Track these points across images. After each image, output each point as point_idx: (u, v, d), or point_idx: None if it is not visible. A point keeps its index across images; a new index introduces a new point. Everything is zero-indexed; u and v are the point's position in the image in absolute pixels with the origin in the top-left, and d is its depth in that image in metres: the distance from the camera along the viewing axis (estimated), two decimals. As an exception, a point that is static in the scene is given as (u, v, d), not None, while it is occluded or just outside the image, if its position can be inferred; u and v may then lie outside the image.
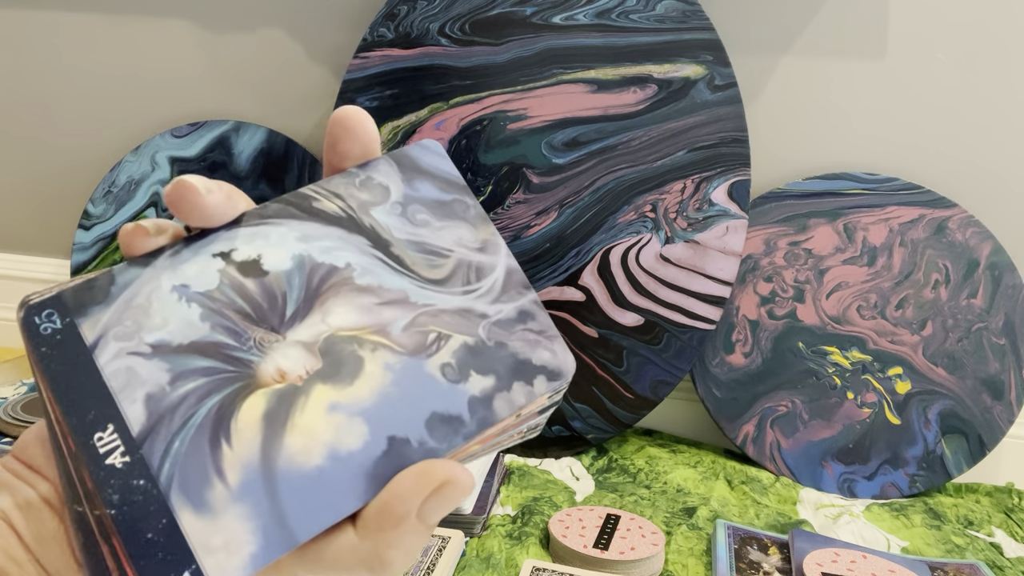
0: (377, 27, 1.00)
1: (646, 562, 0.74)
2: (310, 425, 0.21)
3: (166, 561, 0.19)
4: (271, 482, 0.21)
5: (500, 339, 0.24)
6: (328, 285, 0.23)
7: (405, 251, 0.24)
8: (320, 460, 0.21)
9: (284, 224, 0.24)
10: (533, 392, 0.23)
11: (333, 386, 0.22)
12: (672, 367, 0.96)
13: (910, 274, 0.95)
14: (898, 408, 0.94)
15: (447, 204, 0.25)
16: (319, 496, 0.21)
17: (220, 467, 0.20)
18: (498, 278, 0.25)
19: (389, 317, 0.23)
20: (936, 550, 0.82)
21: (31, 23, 1.19)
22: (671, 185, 0.94)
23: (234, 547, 0.20)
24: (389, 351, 0.23)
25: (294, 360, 0.22)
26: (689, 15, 0.93)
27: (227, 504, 0.20)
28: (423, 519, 0.22)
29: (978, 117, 0.97)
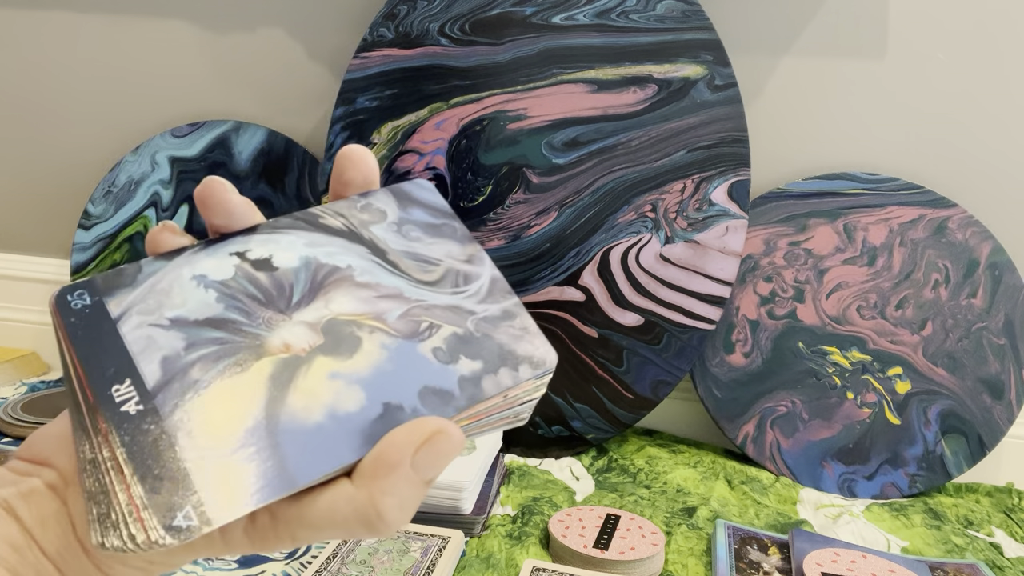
0: (377, 27, 1.00)
1: (646, 562, 0.74)
2: (312, 388, 0.23)
3: (172, 497, 0.21)
4: (274, 433, 0.22)
5: (486, 332, 0.26)
6: (331, 280, 0.26)
7: (400, 259, 0.27)
8: (320, 418, 0.23)
9: (293, 233, 0.27)
10: (518, 376, 0.25)
11: (334, 358, 0.24)
12: (672, 367, 0.96)
13: (910, 274, 0.95)
14: (898, 408, 0.94)
15: (437, 226, 0.29)
16: (318, 447, 0.22)
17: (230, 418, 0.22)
18: (484, 284, 0.27)
19: (385, 307, 0.26)
20: (936, 550, 0.82)
21: (31, 23, 1.19)
22: (671, 185, 0.94)
23: (235, 487, 0.21)
24: (385, 334, 0.25)
25: (299, 335, 0.24)
26: (689, 15, 0.93)
27: (231, 449, 0.22)
28: (417, 469, 0.23)
29: (978, 117, 0.97)
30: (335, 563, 0.70)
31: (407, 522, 0.24)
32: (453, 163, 0.99)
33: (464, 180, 0.98)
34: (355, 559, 0.71)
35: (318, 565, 0.70)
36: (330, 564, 0.70)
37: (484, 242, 0.99)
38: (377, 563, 0.71)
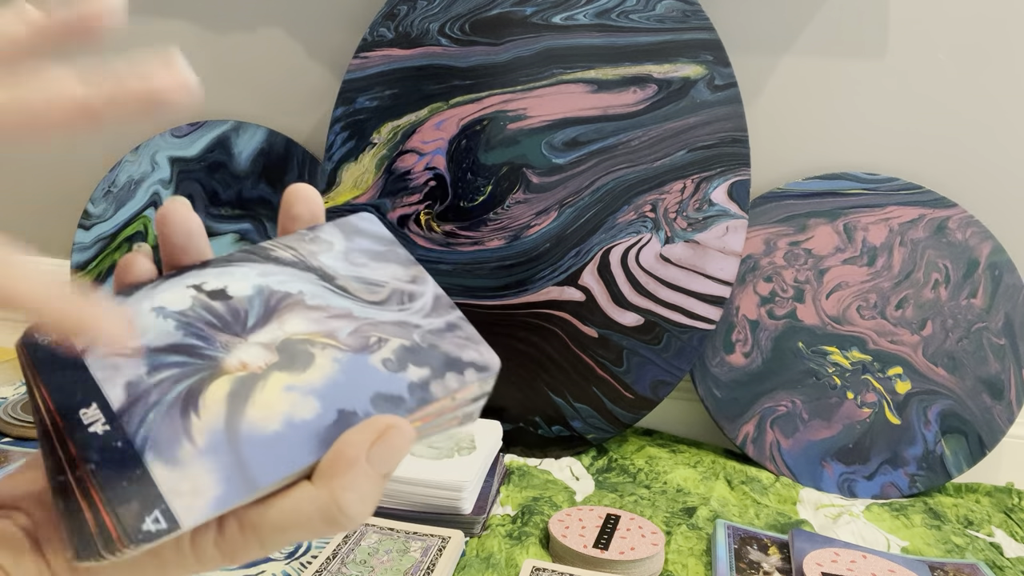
0: (377, 27, 1.00)
1: (646, 562, 0.74)
2: (268, 400, 0.25)
3: (140, 504, 0.22)
4: (234, 443, 0.24)
5: (432, 342, 0.28)
6: (284, 305, 0.28)
7: (348, 283, 0.29)
8: (277, 426, 0.25)
9: (246, 265, 0.29)
10: (464, 379, 0.27)
11: (288, 373, 0.26)
12: (672, 367, 0.96)
13: (910, 274, 0.95)
14: (898, 408, 0.94)
15: (381, 252, 0.31)
16: (276, 452, 0.24)
17: (189, 432, 0.24)
18: (428, 300, 0.29)
19: (336, 326, 0.28)
20: (936, 550, 0.82)
21: (31, 23, 1.19)
22: (671, 185, 0.94)
23: (200, 492, 0.23)
24: (336, 349, 0.27)
25: (254, 355, 0.26)
26: (689, 15, 0.93)
27: (194, 459, 0.23)
28: (373, 464, 0.25)
29: (978, 117, 0.97)
30: (335, 563, 0.70)
31: (368, 515, 0.25)
32: (453, 163, 0.99)
33: (464, 180, 0.98)
34: (355, 559, 0.71)
35: (318, 565, 0.70)
36: (330, 564, 0.70)
37: (484, 242, 0.99)
38: (377, 563, 0.70)
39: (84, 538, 0.22)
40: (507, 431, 0.98)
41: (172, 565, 0.26)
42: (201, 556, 0.26)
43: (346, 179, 1.01)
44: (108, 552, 0.22)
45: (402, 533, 0.75)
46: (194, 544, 0.25)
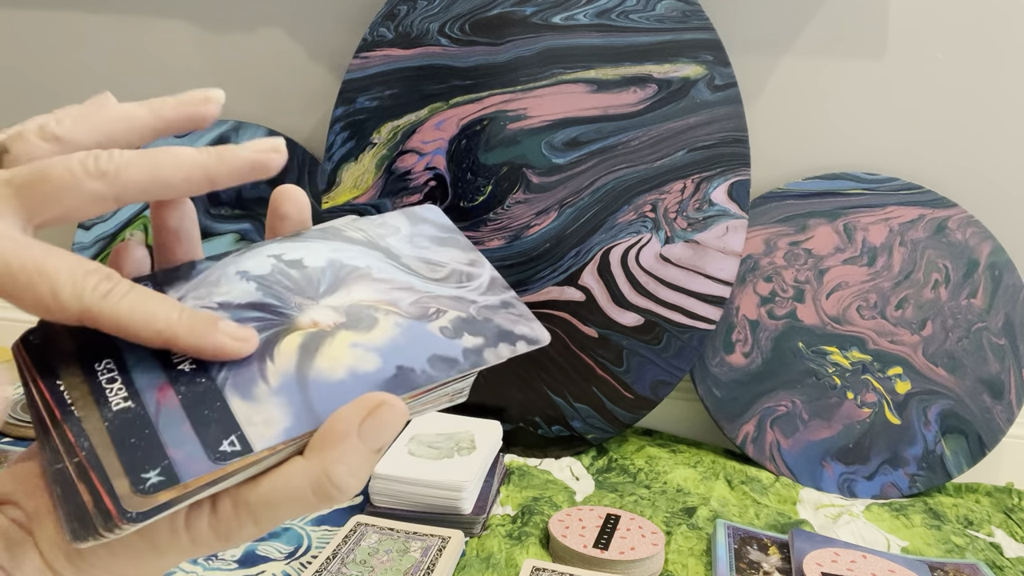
0: (377, 27, 1.00)
1: (646, 562, 0.74)
2: (335, 354, 0.28)
3: (218, 430, 0.25)
4: (303, 385, 0.27)
5: (487, 316, 0.31)
6: (352, 276, 0.31)
7: (411, 261, 0.32)
8: (342, 375, 0.27)
9: (320, 242, 0.32)
10: (515, 349, 0.30)
11: (354, 332, 0.29)
12: (672, 367, 0.96)
13: (910, 274, 0.95)
14: (898, 408, 0.94)
15: (443, 238, 0.34)
16: (340, 395, 0.27)
17: (264, 374, 0.27)
18: (484, 281, 0.32)
19: (399, 296, 0.31)
20: (936, 550, 0.82)
21: (31, 23, 1.19)
22: (671, 185, 0.94)
23: (271, 423, 0.26)
24: (398, 315, 0.30)
25: (324, 315, 0.29)
26: (689, 15, 0.93)
27: (267, 397, 0.26)
28: (364, 439, 0.26)
29: (978, 117, 0.97)
30: (335, 563, 0.70)
31: (359, 489, 0.26)
32: (453, 163, 0.99)
33: (464, 180, 0.98)
34: (355, 559, 0.71)
35: (318, 565, 0.70)
36: (330, 564, 0.70)
37: (484, 242, 0.98)
38: (377, 563, 0.71)
39: (82, 518, 0.23)
40: (507, 431, 0.98)
41: (168, 549, 0.26)
42: (196, 537, 0.26)
43: (346, 179, 1.01)
44: (106, 529, 0.23)
45: (402, 533, 0.75)
46: (188, 525, 0.26)
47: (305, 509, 0.26)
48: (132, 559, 0.26)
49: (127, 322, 0.25)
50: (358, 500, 0.86)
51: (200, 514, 0.26)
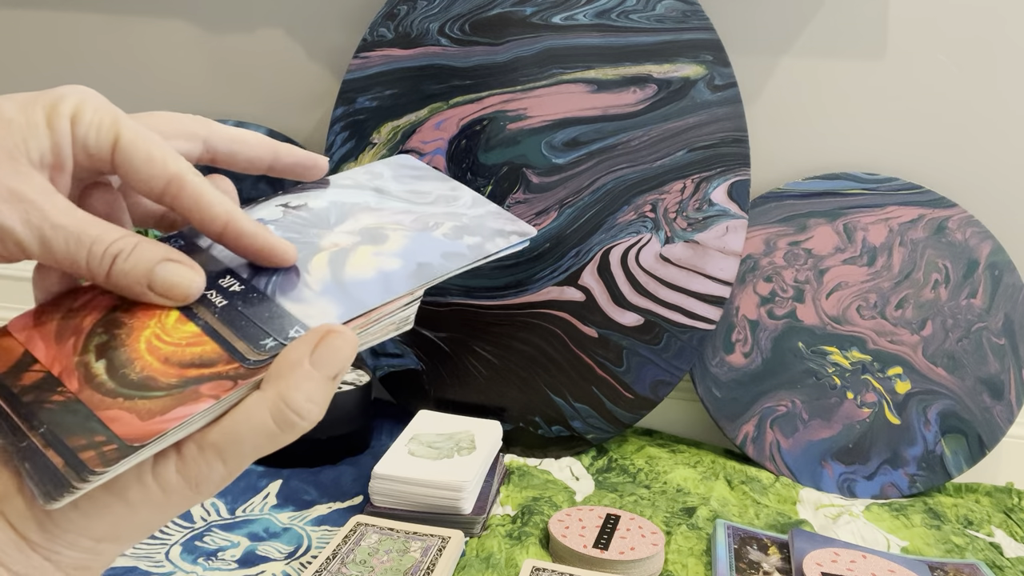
0: (377, 27, 1.00)
1: (646, 562, 0.74)
2: (360, 262, 0.32)
3: (280, 324, 0.29)
4: (341, 285, 0.31)
5: (479, 222, 0.35)
6: (355, 210, 0.36)
7: (401, 193, 0.37)
8: (372, 274, 0.31)
9: (317, 189, 0.37)
10: (509, 241, 0.34)
11: (372, 246, 0.33)
12: (672, 367, 0.96)
13: (910, 274, 0.95)
14: (898, 408, 0.94)
15: (423, 175, 0.39)
16: (376, 286, 0.31)
17: (307, 282, 0.31)
18: (468, 199, 0.37)
19: (400, 218, 0.35)
20: (936, 550, 0.82)
21: (31, 23, 1.19)
22: (671, 185, 0.94)
23: (325, 313, 0.29)
24: (405, 231, 0.34)
25: (342, 237, 0.33)
26: (689, 15, 0.93)
27: (315, 298, 0.30)
28: (316, 366, 0.27)
29: (978, 117, 0.97)
30: (335, 563, 0.70)
31: (319, 415, 0.27)
32: (453, 163, 0.99)
33: (464, 180, 0.98)
34: (355, 559, 0.71)
35: (318, 565, 0.70)
36: (330, 564, 0.70)
37: (484, 242, 0.98)
38: (377, 563, 0.71)
39: (54, 478, 0.25)
40: (507, 431, 0.98)
41: (139, 502, 0.26)
42: (166, 487, 0.26)
43: (346, 179, 1.01)
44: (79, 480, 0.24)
45: (402, 533, 0.75)
46: (156, 475, 0.26)
47: (269, 440, 0.27)
48: (105, 518, 0.26)
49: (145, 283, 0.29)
50: (358, 499, 0.86)
51: (167, 462, 0.26)
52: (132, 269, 0.28)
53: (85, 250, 0.28)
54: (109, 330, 0.29)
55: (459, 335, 1.00)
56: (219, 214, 0.30)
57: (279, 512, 0.82)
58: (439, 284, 0.32)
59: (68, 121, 0.28)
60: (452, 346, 1.01)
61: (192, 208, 0.30)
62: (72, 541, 0.26)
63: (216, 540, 0.77)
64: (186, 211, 0.30)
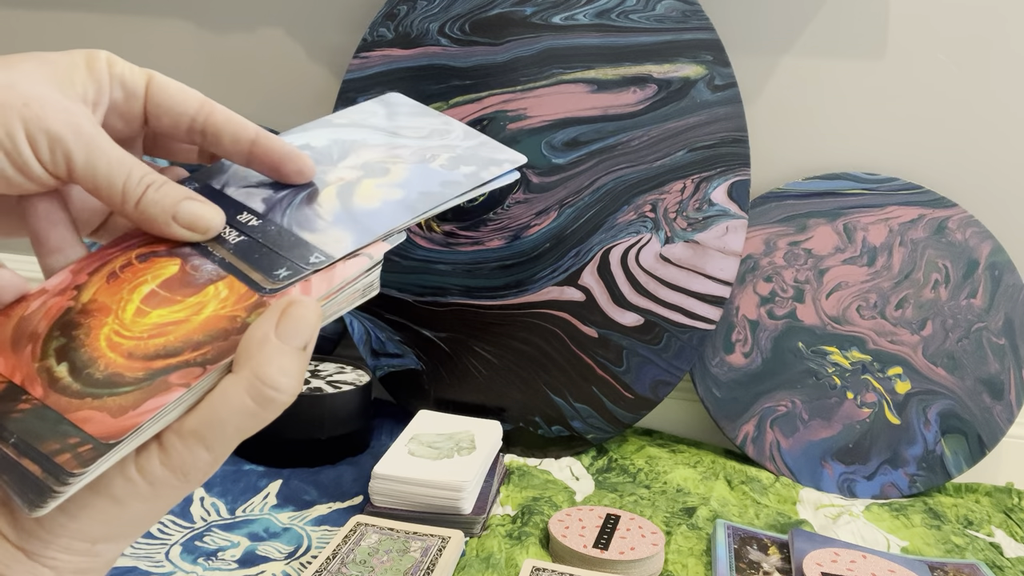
0: (377, 27, 1.00)
1: (646, 562, 0.74)
2: (366, 193, 0.34)
3: (301, 251, 0.31)
4: (351, 215, 0.33)
5: (472, 152, 0.37)
6: (355, 146, 0.37)
7: (397, 130, 0.39)
8: (378, 204, 0.33)
9: (316, 130, 0.38)
10: (503, 168, 0.36)
11: (374, 178, 0.35)
12: (672, 367, 0.96)
13: (910, 274, 0.95)
14: (898, 408, 0.94)
15: (414, 112, 0.41)
16: (383, 215, 0.33)
17: (319, 214, 0.33)
18: (459, 132, 0.39)
19: (398, 152, 0.37)
20: (936, 550, 0.82)
21: (31, 23, 1.19)
22: (671, 185, 0.94)
23: (340, 240, 0.31)
24: (404, 163, 0.36)
25: (346, 172, 0.35)
26: (689, 15, 0.93)
27: (328, 227, 0.32)
28: (284, 339, 0.27)
29: (978, 117, 0.97)
30: (335, 563, 0.70)
31: (297, 388, 0.27)
32: (453, 163, 0.98)
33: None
34: (355, 559, 0.71)
35: (318, 565, 0.70)
36: (330, 564, 0.70)
37: (484, 242, 0.98)
38: (377, 563, 0.71)
39: (35, 486, 0.24)
40: (507, 431, 0.98)
41: (128, 499, 0.26)
42: (153, 480, 0.26)
43: (346, 179, 1.01)
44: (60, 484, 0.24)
45: (402, 533, 0.75)
46: (141, 469, 0.26)
47: (249, 420, 0.26)
48: (95, 518, 0.26)
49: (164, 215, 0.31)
50: (358, 499, 0.86)
51: (149, 455, 0.26)
52: (161, 199, 0.30)
53: (125, 173, 0.30)
54: (66, 332, 0.28)
55: (459, 335, 1.00)
56: (250, 126, 0.33)
57: (279, 512, 0.82)
58: (439, 283, 0.33)
59: (105, 63, 0.32)
60: (452, 346, 1.01)
61: (225, 124, 0.33)
62: (67, 545, 0.26)
63: (216, 540, 0.77)
64: (219, 128, 0.33)
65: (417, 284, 1.00)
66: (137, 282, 0.30)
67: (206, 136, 0.34)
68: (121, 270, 0.31)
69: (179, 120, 0.33)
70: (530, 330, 0.98)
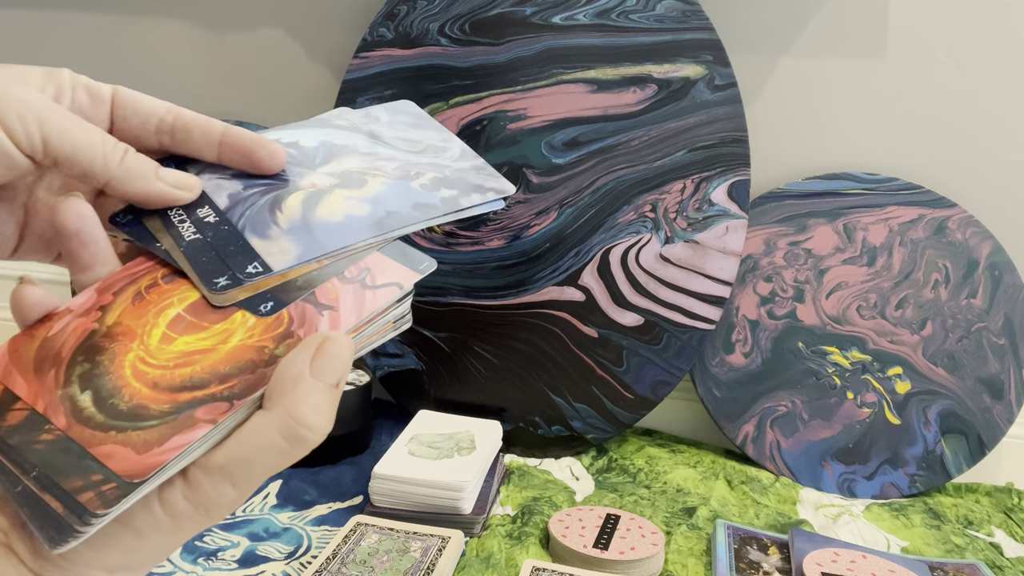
0: (377, 27, 1.00)
1: (646, 562, 0.74)
2: (333, 204, 0.33)
3: (242, 259, 0.30)
4: (308, 226, 0.31)
5: (461, 176, 0.35)
6: (342, 152, 0.36)
7: (392, 141, 0.37)
8: (340, 218, 0.32)
9: (312, 128, 0.37)
10: (485, 197, 0.35)
11: (347, 189, 0.34)
12: (672, 367, 0.96)
13: (910, 274, 0.95)
14: (898, 408, 0.94)
15: (418, 124, 0.39)
16: (340, 231, 0.31)
17: (276, 221, 0.32)
18: (456, 152, 0.37)
19: (383, 164, 0.35)
20: (936, 550, 0.82)
21: (31, 23, 1.19)
22: (671, 185, 0.94)
23: (284, 252, 0.30)
24: (384, 177, 0.35)
25: (321, 179, 0.34)
26: (689, 15, 0.93)
27: (280, 236, 0.31)
28: (318, 376, 0.26)
29: (978, 117, 0.97)
30: (335, 563, 0.70)
31: (328, 427, 0.27)
32: (453, 163, 0.98)
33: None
34: (355, 559, 0.71)
35: (318, 565, 0.70)
36: (330, 564, 0.70)
37: (484, 242, 0.98)
38: (377, 563, 0.71)
39: (57, 524, 0.24)
40: (507, 431, 0.98)
41: (149, 531, 0.26)
42: (174, 513, 0.26)
43: (346, 179, 1.01)
44: (82, 524, 0.24)
45: (402, 533, 0.75)
46: (164, 503, 0.25)
47: (279, 458, 0.26)
48: (115, 549, 0.26)
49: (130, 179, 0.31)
50: (358, 499, 0.86)
51: (173, 489, 0.25)
52: (141, 163, 0.31)
53: (100, 137, 0.30)
54: (90, 357, 0.27)
55: (459, 335, 1.00)
56: (218, 122, 0.34)
57: (279, 512, 0.82)
58: (439, 283, 0.32)
59: (66, 73, 0.32)
60: (452, 346, 1.01)
61: (194, 119, 0.33)
62: (83, 573, 0.26)
63: (216, 540, 0.77)
64: (188, 123, 0.33)
65: (417, 284, 1.00)
66: (163, 304, 0.29)
67: (175, 134, 0.33)
68: (147, 291, 0.30)
69: (148, 119, 0.33)
70: (530, 330, 0.98)
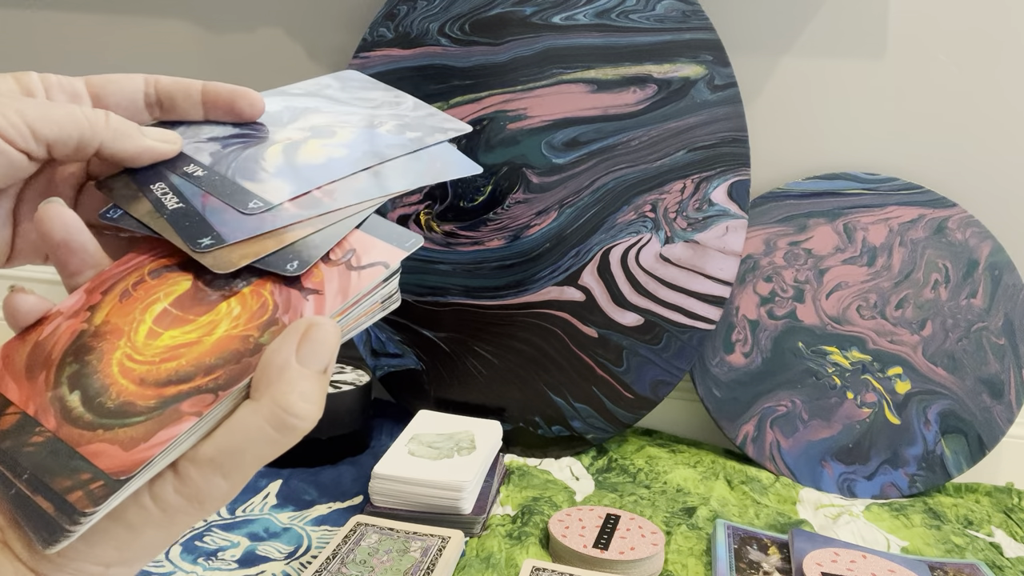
0: (377, 27, 1.00)
1: (646, 562, 0.74)
2: (311, 150, 0.35)
3: (241, 198, 0.32)
4: (293, 168, 0.34)
5: (420, 121, 0.39)
6: (306, 112, 0.38)
7: (349, 100, 0.40)
8: (322, 160, 0.34)
9: (271, 97, 0.39)
10: (448, 134, 0.38)
11: (321, 139, 0.36)
12: (672, 367, 0.96)
13: (910, 274, 0.95)
14: (898, 408, 0.94)
15: (368, 86, 0.42)
16: (324, 169, 0.34)
17: (262, 167, 0.34)
18: (410, 104, 0.40)
19: (347, 118, 0.38)
20: (936, 550, 0.82)
21: (31, 23, 1.19)
22: (671, 185, 0.94)
23: (277, 191, 0.32)
24: (351, 128, 0.37)
25: (294, 132, 0.36)
26: (689, 15, 0.93)
27: (270, 178, 0.33)
28: (304, 363, 0.26)
29: (978, 117, 0.97)
30: (335, 563, 0.70)
31: (318, 414, 0.26)
32: (453, 163, 0.98)
33: (464, 180, 0.98)
34: (355, 559, 0.71)
35: (318, 565, 0.70)
36: (330, 564, 0.70)
37: (484, 242, 0.98)
38: (377, 563, 0.71)
39: (48, 525, 0.24)
40: (507, 431, 0.98)
41: (141, 525, 0.26)
42: (166, 507, 0.26)
43: (346, 179, 1.01)
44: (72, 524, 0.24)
45: (402, 533, 0.75)
46: (155, 497, 0.26)
47: (269, 448, 0.26)
48: (109, 543, 0.26)
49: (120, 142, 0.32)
50: (358, 499, 0.86)
51: (164, 483, 0.26)
52: (124, 123, 0.32)
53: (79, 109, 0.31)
54: (79, 358, 0.28)
55: (459, 335, 1.00)
56: (195, 81, 0.36)
57: (279, 512, 0.82)
58: (439, 283, 0.33)
59: (35, 74, 0.34)
60: (452, 346, 1.01)
61: (174, 84, 0.36)
62: (80, 568, 0.26)
63: (216, 540, 0.77)
64: (170, 89, 0.36)
65: (417, 284, 1.00)
66: (150, 300, 0.29)
67: (161, 104, 0.35)
68: (134, 288, 0.30)
69: (134, 97, 0.35)
70: (530, 330, 0.98)
